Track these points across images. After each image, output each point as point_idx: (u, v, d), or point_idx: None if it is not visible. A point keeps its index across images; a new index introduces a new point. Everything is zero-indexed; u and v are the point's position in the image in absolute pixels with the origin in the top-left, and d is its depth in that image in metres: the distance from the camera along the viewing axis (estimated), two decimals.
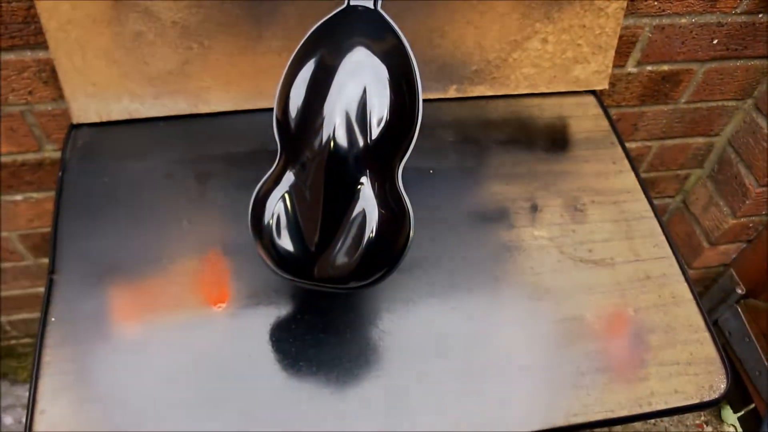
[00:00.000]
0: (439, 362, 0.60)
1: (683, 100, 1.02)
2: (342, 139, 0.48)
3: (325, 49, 0.50)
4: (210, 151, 0.73)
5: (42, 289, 1.12)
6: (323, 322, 0.61)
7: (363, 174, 0.49)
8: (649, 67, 0.94)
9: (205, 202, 0.69)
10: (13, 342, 1.28)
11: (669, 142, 1.11)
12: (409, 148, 0.52)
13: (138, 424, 0.55)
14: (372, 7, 0.52)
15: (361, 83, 0.48)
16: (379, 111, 0.49)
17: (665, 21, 0.87)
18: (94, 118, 0.73)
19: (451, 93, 0.80)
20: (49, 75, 0.77)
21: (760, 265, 1.19)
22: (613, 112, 1.01)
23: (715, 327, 1.23)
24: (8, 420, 1.23)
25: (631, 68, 0.94)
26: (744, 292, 1.24)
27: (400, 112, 0.50)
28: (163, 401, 0.56)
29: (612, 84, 0.95)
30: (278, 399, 0.57)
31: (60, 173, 0.70)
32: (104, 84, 0.71)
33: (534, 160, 0.77)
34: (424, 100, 0.79)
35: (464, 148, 0.77)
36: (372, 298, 0.64)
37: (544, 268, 0.68)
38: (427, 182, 0.73)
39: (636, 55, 0.92)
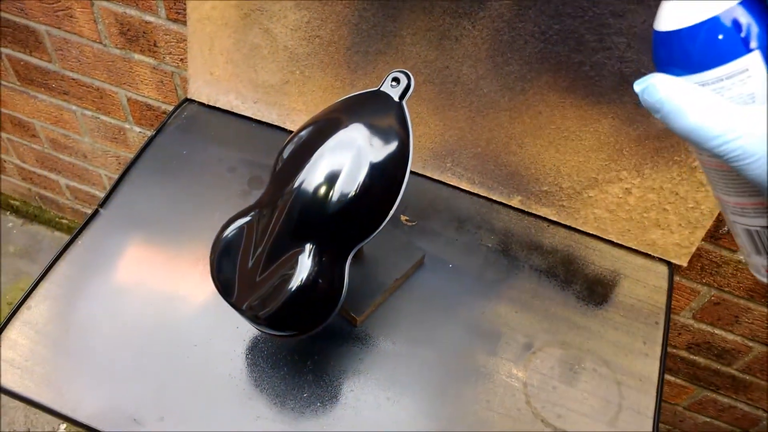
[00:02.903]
0: None
1: None
2: (303, 200, 0.51)
3: (336, 115, 0.53)
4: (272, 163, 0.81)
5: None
6: (279, 357, 0.65)
7: (311, 239, 0.51)
8: None
9: (245, 204, 0.77)
10: None
11: None
12: (367, 238, 0.53)
13: (83, 353, 0.63)
14: (396, 99, 0.54)
15: (342, 160, 0.51)
16: (343, 192, 0.50)
17: None
18: (204, 100, 0.85)
19: (514, 202, 0.79)
20: None
21: None
22: (712, 293, 0.90)
23: None
24: None
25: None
26: None
27: (365, 202, 0.51)
28: (114, 347, 0.64)
29: (717, 264, 0.85)
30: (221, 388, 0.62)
31: (153, 133, 0.82)
32: (219, 76, 0.81)
33: (559, 302, 0.72)
34: (486, 198, 0.79)
35: (496, 259, 0.75)
36: (331, 355, 0.66)
37: (501, 409, 0.64)
38: (441, 274, 0.73)
39: None
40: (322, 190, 0.51)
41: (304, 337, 0.55)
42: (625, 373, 0.68)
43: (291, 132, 0.83)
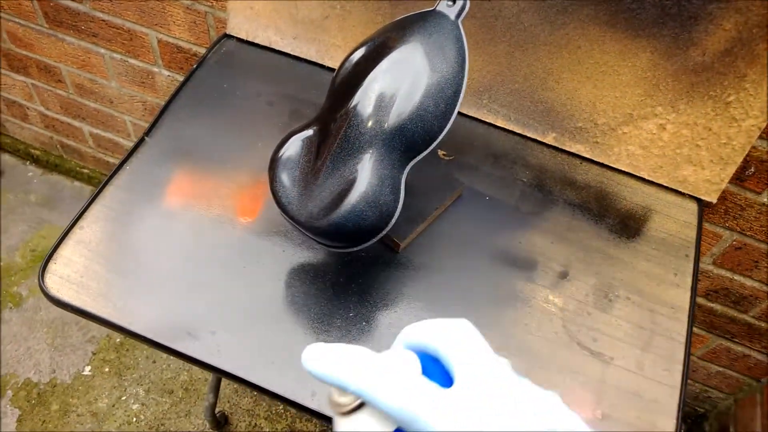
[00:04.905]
0: None
1: None
2: (364, 113, 0.52)
3: (392, 34, 0.55)
4: (312, 98, 0.82)
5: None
6: (326, 279, 0.67)
7: (370, 151, 0.53)
8: None
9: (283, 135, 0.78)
10: None
11: None
12: (421, 153, 0.55)
13: (137, 270, 0.65)
14: (453, 18, 0.55)
15: (399, 77, 0.52)
16: (401, 109, 0.52)
17: None
18: (243, 35, 0.85)
19: (549, 139, 0.80)
20: None
21: None
22: (733, 237, 0.92)
23: None
24: None
25: (767, 198, 0.85)
26: None
27: (421, 119, 0.53)
28: (166, 266, 0.66)
29: (741, 207, 0.87)
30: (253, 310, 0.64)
31: (194, 66, 0.83)
32: (259, 11, 0.82)
33: (593, 234, 0.74)
34: (521, 135, 0.81)
35: (531, 193, 0.77)
36: (375, 277, 0.68)
37: (538, 332, 0.66)
38: (479, 206, 0.75)
39: None
40: (381, 107, 0.52)
41: (358, 250, 0.57)
42: (657, 301, 0.70)
43: (330, 68, 0.84)
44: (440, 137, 0.55)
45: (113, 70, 1.16)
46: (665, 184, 0.78)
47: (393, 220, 0.55)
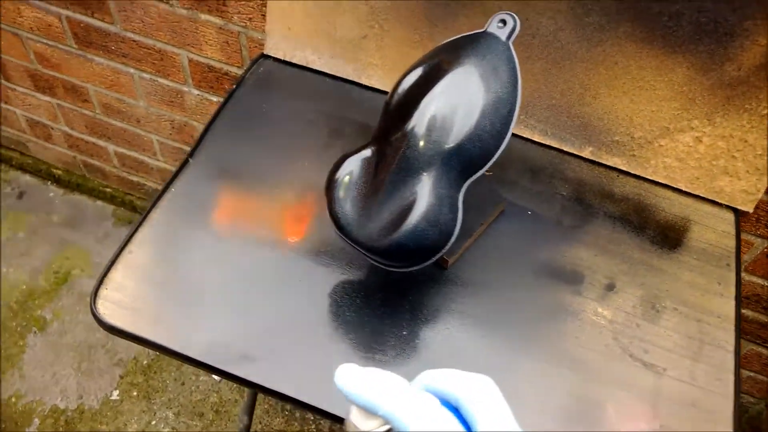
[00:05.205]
0: None
1: None
2: (422, 133, 0.53)
3: (445, 57, 0.56)
4: (351, 116, 0.83)
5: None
6: (377, 297, 0.68)
7: (429, 171, 0.54)
8: None
9: (327, 154, 0.79)
10: None
11: None
12: (477, 172, 0.56)
13: (188, 294, 0.66)
14: (504, 39, 0.56)
15: (456, 98, 0.53)
16: (459, 131, 0.53)
17: None
18: (280, 55, 0.87)
19: (586, 153, 0.81)
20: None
21: None
22: (765, 245, 0.93)
23: None
24: None
25: None
26: None
27: (479, 138, 0.54)
28: (216, 288, 0.67)
29: None
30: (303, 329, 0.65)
31: (234, 86, 0.84)
32: (297, 31, 0.83)
33: (635, 246, 0.75)
34: (558, 150, 0.82)
35: (572, 207, 0.78)
36: (422, 292, 0.69)
37: (589, 345, 0.67)
38: (521, 221, 0.76)
39: None
40: (440, 127, 0.53)
41: (416, 269, 0.58)
42: (703, 311, 0.71)
43: (367, 87, 0.85)
44: (496, 156, 0.56)
45: (142, 90, 1.17)
46: (702, 195, 0.80)
47: (452, 239, 0.56)
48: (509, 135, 0.57)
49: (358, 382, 0.33)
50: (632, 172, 0.81)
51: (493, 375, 0.64)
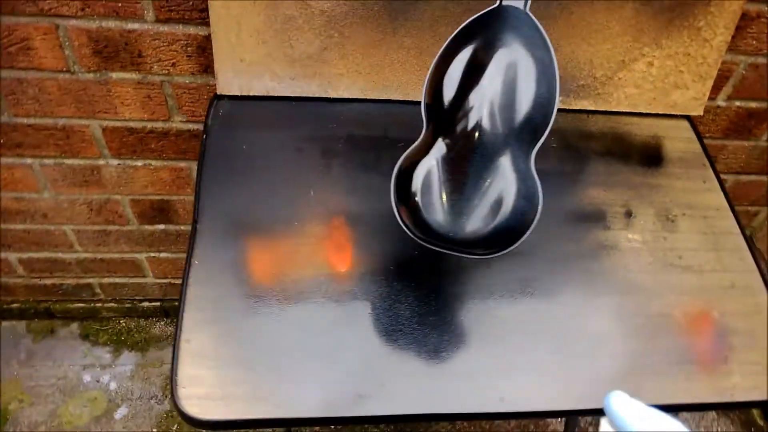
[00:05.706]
0: (533, 340, 0.65)
1: (765, 138, 1.06)
2: (492, 117, 0.54)
3: (478, 43, 0.57)
4: (335, 132, 0.80)
5: (139, 255, 1.20)
6: (434, 296, 0.67)
7: (506, 150, 0.55)
8: (737, 103, 0.99)
9: (330, 176, 0.76)
10: (98, 305, 1.36)
11: (744, 178, 1.15)
12: (543, 135, 0.58)
13: (267, 360, 0.61)
14: (522, 8, 0.58)
15: (511, 76, 0.54)
16: (524, 103, 0.55)
17: (760, 60, 0.92)
18: (235, 91, 0.81)
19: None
20: (194, 50, 0.85)
21: None
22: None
23: None
24: (87, 377, 1.30)
25: (721, 102, 0.99)
26: None
27: (540, 105, 0.56)
28: (291, 343, 0.63)
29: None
30: (386, 358, 0.63)
31: (204, 137, 0.78)
32: (251, 61, 0.79)
33: (629, 172, 0.82)
34: None
35: (565, 155, 0.83)
36: (479, 279, 0.70)
37: (637, 268, 0.73)
38: None
39: (727, 89, 0.97)
40: (504, 112, 0.54)
41: (512, 248, 0.59)
42: (703, 208, 0.80)
43: (335, 99, 0.83)
44: (553, 116, 0.58)
45: (45, 179, 1.03)
46: (661, 112, 0.88)
47: (540, 207, 0.58)
48: (558, 93, 0.59)
49: (632, 410, 0.37)
50: (600, 109, 0.87)
51: (579, 322, 0.68)
